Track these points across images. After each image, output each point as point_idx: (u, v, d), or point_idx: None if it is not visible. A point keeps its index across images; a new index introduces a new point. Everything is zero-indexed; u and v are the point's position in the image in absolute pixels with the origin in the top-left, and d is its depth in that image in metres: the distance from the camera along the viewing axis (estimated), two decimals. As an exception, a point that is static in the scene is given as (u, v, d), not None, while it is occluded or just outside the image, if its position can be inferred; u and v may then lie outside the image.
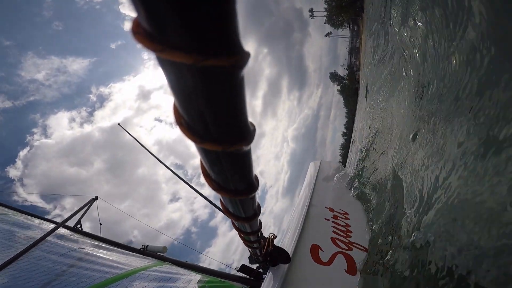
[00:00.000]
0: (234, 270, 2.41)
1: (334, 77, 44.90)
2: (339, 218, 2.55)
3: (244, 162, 0.54)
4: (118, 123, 4.99)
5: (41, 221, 3.43)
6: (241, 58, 0.31)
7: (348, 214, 2.68)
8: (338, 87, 44.68)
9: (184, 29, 0.27)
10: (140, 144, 4.44)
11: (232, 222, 0.99)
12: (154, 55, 0.30)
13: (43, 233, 2.53)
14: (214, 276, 2.29)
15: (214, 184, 0.61)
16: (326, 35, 48.11)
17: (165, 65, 0.33)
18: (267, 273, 1.81)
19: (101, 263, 2.27)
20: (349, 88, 38.77)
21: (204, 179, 0.61)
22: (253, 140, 0.48)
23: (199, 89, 0.34)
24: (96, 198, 4.25)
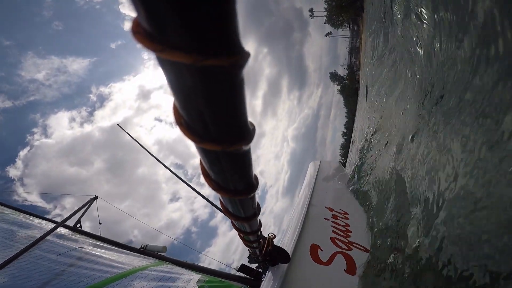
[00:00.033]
0: (234, 270, 2.41)
1: (334, 77, 44.84)
2: (339, 218, 2.55)
3: (244, 162, 0.54)
4: (117, 124, 4.98)
5: (41, 221, 3.44)
6: (241, 58, 0.31)
7: (348, 214, 2.68)
8: (338, 87, 44.63)
9: (184, 29, 0.27)
10: (139, 144, 4.43)
11: (232, 222, 0.98)
12: (154, 55, 0.30)
13: (43, 233, 2.53)
14: (214, 276, 2.30)
15: (214, 184, 0.61)
16: (326, 35, 48.10)
17: (165, 65, 0.32)
18: (267, 273, 1.81)
19: (101, 263, 2.27)
20: (349, 88, 38.73)
21: (204, 179, 0.61)
22: (253, 140, 0.48)
23: (199, 89, 0.34)
24: (96, 198, 4.25)
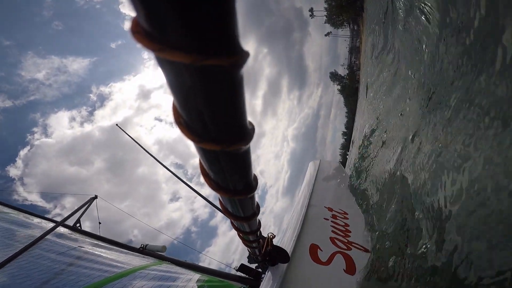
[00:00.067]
0: (234, 270, 2.41)
1: (334, 77, 44.84)
2: (338, 218, 2.55)
3: (243, 162, 0.54)
4: (116, 124, 4.95)
5: (41, 220, 3.44)
6: (241, 58, 0.31)
7: (347, 214, 2.69)
8: (338, 87, 44.64)
9: (184, 29, 0.27)
10: (138, 144, 4.42)
11: (231, 222, 0.98)
12: (153, 55, 0.30)
13: (43, 232, 2.53)
14: (213, 276, 2.30)
15: (213, 184, 0.61)
16: (326, 35, 48.07)
17: (164, 65, 0.32)
18: (266, 273, 1.81)
19: (100, 262, 2.27)
20: (349, 88, 38.74)
21: (203, 179, 0.61)
22: (252, 140, 0.48)
23: (198, 89, 0.34)
24: (96, 197, 4.25)
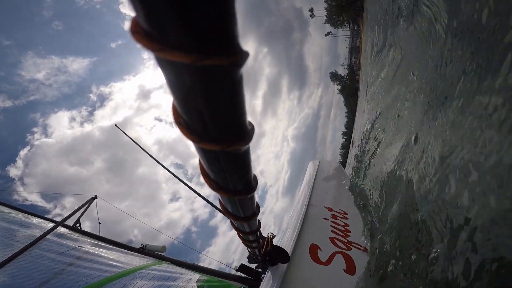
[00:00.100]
0: (233, 270, 2.41)
1: (335, 77, 44.86)
2: (338, 218, 2.55)
3: (243, 162, 0.54)
4: (115, 124, 4.90)
5: (41, 220, 3.44)
6: (241, 58, 0.31)
7: (347, 214, 2.68)
8: (339, 87, 44.65)
9: (183, 29, 0.27)
10: (138, 145, 4.41)
11: (231, 222, 0.98)
12: (153, 55, 0.30)
13: (43, 232, 2.53)
14: (213, 276, 2.30)
15: (213, 184, 0.61)
16: (326, 35, 48.11)
17: (164, 65, 0.32)
18: (266, 273, 1.81)
19: (100, 262, 2.27)
20: (350, 88, 38.75)
21: (203, 179, 0.61)
22: (252, 140, 0.48)
23: (198, 89, 0.34)
24: (96, 197, 4.25)
